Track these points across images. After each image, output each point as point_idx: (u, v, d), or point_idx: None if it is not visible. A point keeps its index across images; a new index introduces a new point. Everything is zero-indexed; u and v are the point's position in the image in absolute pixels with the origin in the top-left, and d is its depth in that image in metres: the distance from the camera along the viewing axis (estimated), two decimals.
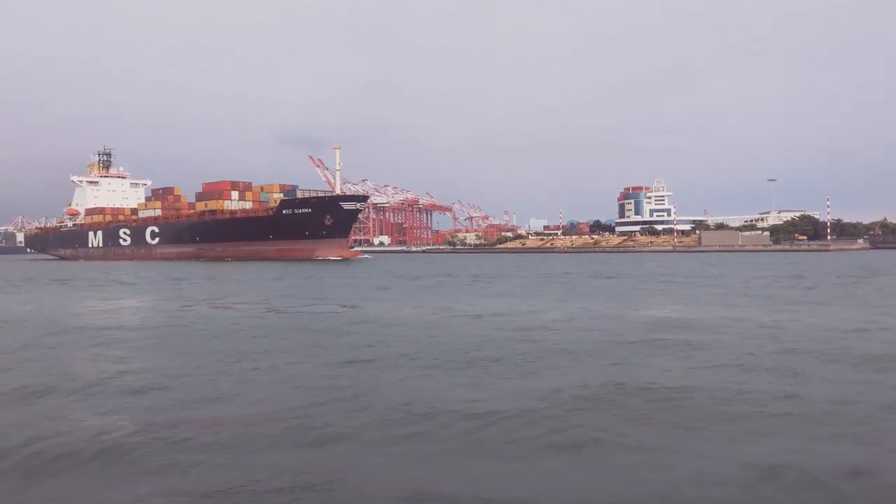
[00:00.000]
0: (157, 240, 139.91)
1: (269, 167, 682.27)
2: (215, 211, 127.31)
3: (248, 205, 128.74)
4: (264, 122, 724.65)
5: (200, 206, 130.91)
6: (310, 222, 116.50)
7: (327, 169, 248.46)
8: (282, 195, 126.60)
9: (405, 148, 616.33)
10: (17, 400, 13.30)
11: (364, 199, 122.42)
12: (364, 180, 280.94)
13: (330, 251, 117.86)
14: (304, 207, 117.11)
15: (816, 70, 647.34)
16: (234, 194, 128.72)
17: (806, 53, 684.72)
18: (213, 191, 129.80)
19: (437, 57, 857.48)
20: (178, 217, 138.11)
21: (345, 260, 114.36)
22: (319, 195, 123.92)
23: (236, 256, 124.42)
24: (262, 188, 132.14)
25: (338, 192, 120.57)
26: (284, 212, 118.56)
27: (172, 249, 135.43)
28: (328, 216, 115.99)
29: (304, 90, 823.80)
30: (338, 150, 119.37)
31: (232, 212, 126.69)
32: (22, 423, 11.47)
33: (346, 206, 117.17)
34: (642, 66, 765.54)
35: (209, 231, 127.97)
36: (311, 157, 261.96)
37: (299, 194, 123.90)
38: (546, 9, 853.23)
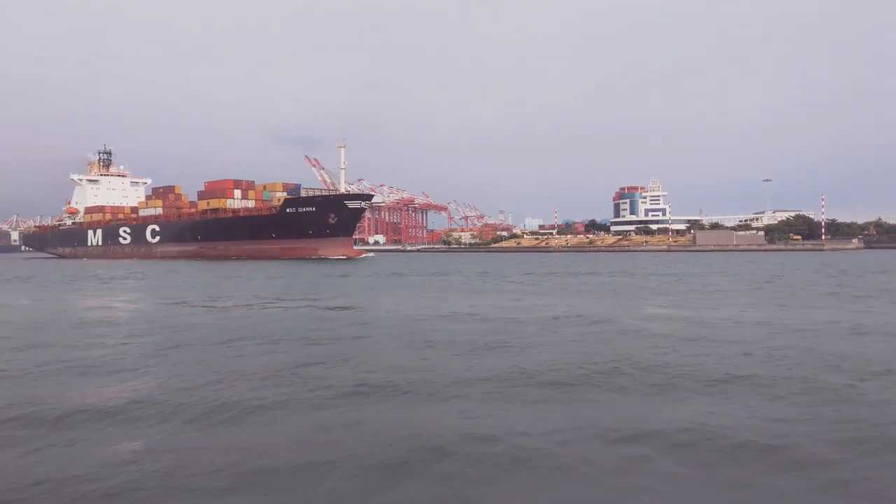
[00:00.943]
0: (157, 238, 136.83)
1: (265, 167, 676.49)
2: (218, 209, 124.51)
3: (250, 203, 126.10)
4: (262, 122, 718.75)
5: (202, 205, 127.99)
6: (314, 221, 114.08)
7: (324, 169, 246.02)
8: (285, 194, 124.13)
9: (401, 147, 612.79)
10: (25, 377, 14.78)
11: (369, 197, 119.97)
12: (360, 180, 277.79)
13: (334, 250, 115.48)
14: (309, 206, 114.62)
15: (811, 70, 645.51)
16: (237, 193, 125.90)
17: (800, 54, 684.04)
18: (215, 189, 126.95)
19: (435, 57, 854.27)
20: (180, 216, 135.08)
21: (349, 259, 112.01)
22: (324, 194, 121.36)
23: (238, 255, 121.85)
24: (264, 187, 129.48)
25: (342, 190, 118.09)
26: (288, 210, 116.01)
27: (173, 248, 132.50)
28: (332, 215, 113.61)
29: (302, 90, 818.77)
30: (342, 149, 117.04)
31: (234, 210, 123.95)
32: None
33: (351, 204, 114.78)
34: (638, 66, 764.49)
35: (211, 230, 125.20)
36: (307, 157, 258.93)
37: (303, 193, 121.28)
38: (544, 9, 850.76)
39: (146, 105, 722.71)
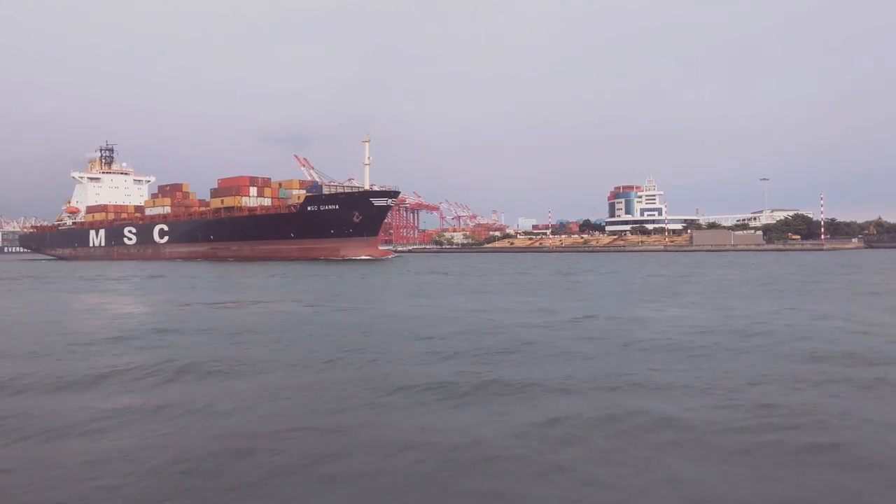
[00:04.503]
0: (166, 238, 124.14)
1: (252, 166, 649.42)
2: (233, 208, 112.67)
3: (266, 201, 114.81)
4: (249, 120, 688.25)
5: (216, 203, 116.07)
6: (337, 220, 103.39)
7: (313, 168, 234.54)
8: (303, 191, 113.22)
9: (392, 146, 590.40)
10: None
11: (395, 194, 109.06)
12: (350, 179, 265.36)
13: (358, 250, 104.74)
14: (332, 204, 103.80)
15: (810, 70, 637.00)
16: (253, 190, 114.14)
17: (798, 54, 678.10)
18: (230, 186, 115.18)
19: (427, 55, 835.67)
20: (190, 215, 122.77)
21: (374, 260, 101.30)
22: (347, 191, 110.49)
23: (254, 256, 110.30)
24: (280, 184, 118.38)
25: (366, 187, 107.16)
26: (310, 208, 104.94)
27: (183, 249, 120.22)
28: (357, 213, 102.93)
29: (291, 88, 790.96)
30: (367, 143, 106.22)
31: (251, 209, 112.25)
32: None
33: (377, 202, 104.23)
34: (633, 66, 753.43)
35: (225, 229, 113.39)
36: (296, 156, 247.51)
37: (325, 190, 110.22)
38: (538, 8, 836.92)
39: (133, 103, 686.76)
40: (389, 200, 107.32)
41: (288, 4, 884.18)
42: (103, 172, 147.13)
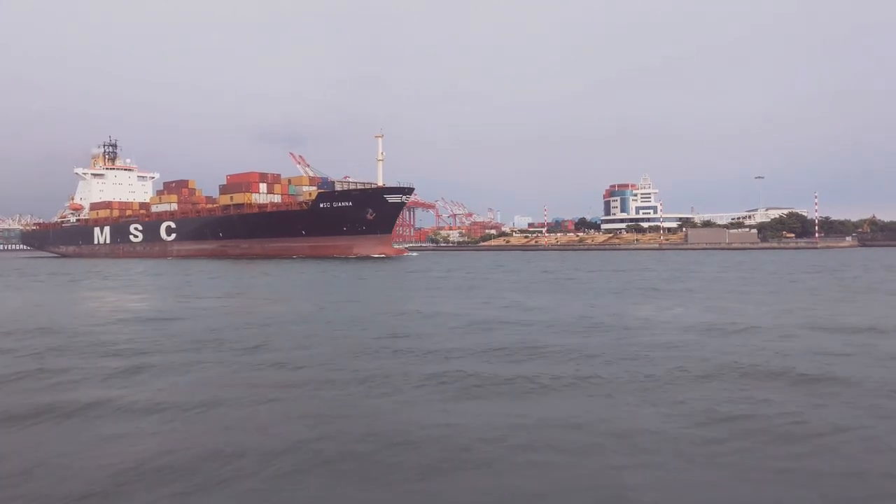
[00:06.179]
0: (173, 236, 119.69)
1: (249, 163, 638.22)
2: (242, 205, 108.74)
3: (276, 198, 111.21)
4: (245, 119, 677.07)
5: (224, 200, 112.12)
6: (350, 217, 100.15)
7: (309, 166, 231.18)
8: (313, 188, 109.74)
9: (388, 144, 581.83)
10: None
11: (410, 190, 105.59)
12: (346, 177, 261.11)
13: (371, 248, 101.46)
14: (345, 200, 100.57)
15: (805, 68, 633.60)
16: (263, 187, 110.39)
17: (793, 52, 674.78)
18: (239, 183, 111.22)
19: (426, 54, 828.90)
20: (198, 212, 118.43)
21: (388, 258, 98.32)
22: (360, 187, 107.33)
23: (264, 254, 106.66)
24: (290, 181, 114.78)
25: (380, 183, 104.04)
26: (322, 205, 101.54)
27: (191, 246, 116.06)
28: (370, 210, 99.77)
29: (287, 86, 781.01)
30: (380, 139, 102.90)
31: (261, 206, 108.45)
32: None
33: (391, 198, 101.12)
34: (629, 64, 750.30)
35: (234, 226, 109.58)
36: (291, 154, 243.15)
37: (338, 187, 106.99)
38: (534, 5, 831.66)
39: (132, 102, 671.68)
40: (404, 197, 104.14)
41: (287, 4, 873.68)
42: (107, 168, 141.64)
